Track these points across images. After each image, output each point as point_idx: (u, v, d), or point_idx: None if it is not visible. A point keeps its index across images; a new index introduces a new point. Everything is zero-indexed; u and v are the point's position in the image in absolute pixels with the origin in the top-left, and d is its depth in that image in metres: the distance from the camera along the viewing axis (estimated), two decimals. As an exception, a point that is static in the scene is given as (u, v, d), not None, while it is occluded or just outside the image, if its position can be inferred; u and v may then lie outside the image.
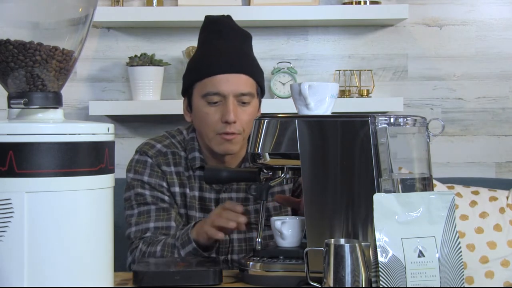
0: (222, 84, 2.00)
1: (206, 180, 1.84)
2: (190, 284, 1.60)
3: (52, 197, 1.25)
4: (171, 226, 1.99)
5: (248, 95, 2.02)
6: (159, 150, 2.07)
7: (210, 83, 2.01)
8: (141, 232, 1.99)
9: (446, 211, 1.50)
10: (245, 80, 2.02)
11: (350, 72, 2.91)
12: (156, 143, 2.09)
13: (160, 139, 2.11)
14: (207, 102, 2.02)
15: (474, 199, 1.88)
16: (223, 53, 2.02)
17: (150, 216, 2.00)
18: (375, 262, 1.46)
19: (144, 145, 2.09)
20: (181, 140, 2.11)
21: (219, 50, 2.03)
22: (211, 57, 2.03)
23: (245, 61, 2.06)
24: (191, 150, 2.08)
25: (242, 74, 2.02)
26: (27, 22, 1.36)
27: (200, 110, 2.03)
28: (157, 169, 2.05)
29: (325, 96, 1.64)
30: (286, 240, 1.68)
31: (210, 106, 2.01)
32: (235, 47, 2.05)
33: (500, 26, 3.00)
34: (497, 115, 3.00)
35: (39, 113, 1.33)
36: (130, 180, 2.06)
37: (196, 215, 2.05)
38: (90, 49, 2.91)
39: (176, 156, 2.07)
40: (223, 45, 2.03)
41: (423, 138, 1.62)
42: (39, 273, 1.24)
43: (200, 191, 2.07)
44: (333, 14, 2.80)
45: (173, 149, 2.08)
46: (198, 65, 2.06)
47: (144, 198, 2.02)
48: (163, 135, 2.14)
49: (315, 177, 1.57)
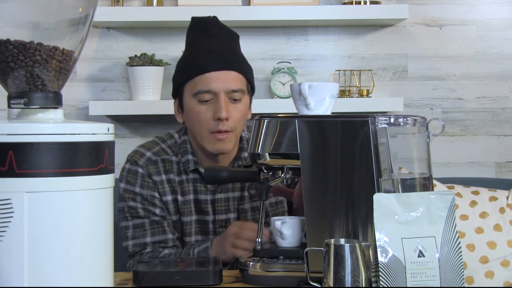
0: (213, 82, 2.00)
1: (206, 180, 1.84)
2: (190, 284, 1.60)
3: (52, 197, 1.25)
4: (168, 239, 2.01)
5: (239, 91, 2.02)
6: (149, 159, 2.06)
7: (201, 81, 2.01)
8: (139, 247, 2.01)
9: (446, 211, 1.50)
10: (236, 77, 2.03)
11: (350, 72, 2.91)
12: (146, 150, 2.08)
13: (150, 145, 2.10)
14: (198, 101, 2.02)
15: (474, 199, 1.88)
16: (212, 51, 2.03)
17: (146, 230, 2.01)
18: (375, 262, 1.46)
19: (134, 154, 2.08)
20: (172, 145, 2.11)
21: (208, 48, 2.03)
22: (201, 56, 2.03)
23: (235, 58, 2.06)
24: (184, 153, 2.08)
25: (232, 71, 2.03)
26: (27, 22, 1.36)
27: (191, 109, 2.03)
28: (147, 179, 2.04)
29: (325, 96, 1.64)
30: (286, 240, 1.68)
31: (201, 105, 2.02)
32: (223, 44, 2.05)
33: (500, 26, 3.00)
34: (497, 115, 3.00)
35: (39, 113, 1.33)
36: (122, 191, 2.05)
37: (192, 219, 2.05)
38: (90, 49, 2.91)
39: (166, 164, 2.07)
40: (211, 43, 2.04)
41: (423, 138, 1.62)
42: (39, 273, 1.24)
43: (194, 194, 2.06)
44: (333, 14, 2.80)
45: (163, 156, 2.07)
46: (187, 64, 2.06)
47: (136, 211, 2.03)
48: (152, 140, 2.13)
49: (315, 177, 1.57)
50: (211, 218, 2.06)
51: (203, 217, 2.06)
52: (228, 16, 2.71)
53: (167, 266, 1.68)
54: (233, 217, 2.07)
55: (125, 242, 2.03)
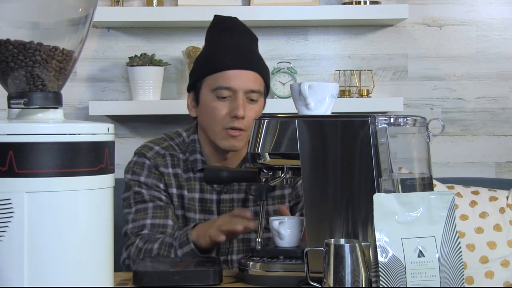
0: (233, 79, 2.01)
1: (206, 180, 1.84)
2: (190, 284, 1.60)
3: (52, 197, 1.25)
4: (168, 224, 2.00)
5: (257, 92, 2.04)
6: (157, 152, 2.08)
7: (222, 77, 2.02)
8: (137, 229, 1.99)
9: (446, 211, 1.50)
10: (255, 78, 2.04)
11: (350, 72, 2.91)
12: (154, 145, 2.10)
13: (158, 141, 2.12)
14: (216, 97, 2.03)
15: (474, 199, 1.88)
16: (234, 49, 2.04)
17: (147, 213, 2.01)
18: (375, 262, 1.46)
19: (143, 147, 2.10)
20: (179, 143, 2.11)
21: (230, 46, 2.05)
22: (222, 52, 2.04)
23: (255, 59, 2.08)
24: (192, 152, 2.08)
25: (252, 71, 2.04)
26: (27, 22, 1.36)
27: (208, 104, 2.04)
28: (154, 171, 2.05)
29: (325, 96, 1.64)
30: (284, 240, 1.68)
31: (219, 101, 2.02)
32: (244, 44, 2.07)
33: (500, 26, 3.00)
34: (497, 115, 3.00)
35: (39, 113, 1.33)
36: (128, 180, 2.07)
37: (196, 217, 2.05)
38: (90, 49, 2.91)
39: (174, 158, 2.08)
40: (233, 42, 2.05)
41: (423, 138, 1.62)
42: (39, 273, 1.24)
43: (200, 192, 2.07)
44: (333, 14, 2.80)
45: (171, 151, 2.09)
46: (209, 60, 2.06)
47: (141, 196, 2.03)
48: (161, 137, 2.14)
49: (315, 177, 1.57)
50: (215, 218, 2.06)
51: (207, 216, 2.06)
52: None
53: (167, 266, 1.68)
54: None
55: (125, 226, 2.02)
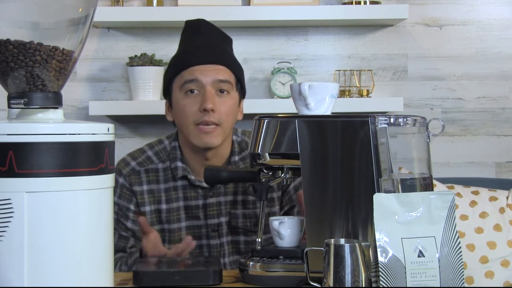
0: (199, 73, 2.01)
1: (206, 180, 1.83)
2: (190, 284, 1.60)
3: (52, 197, 1.25)
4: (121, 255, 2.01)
5: (227, 82, 2.02)
6: (133, 169, 2.07)
7: (188, 72, 2.02)
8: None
9: (446, 211, 1.50)
10: (224, 70, 2.03)
11: (350, 72, 2.91)
12: (132, 160, 2.10)
13: (136, 154, 2.11)
14: (184, 93, 2.02)
15: (474, 199, 1.88)
16: (202, 47, 2.04)
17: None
18: (375, 262, 1.46)
19: (120, 162, 2.10)
20: (159, 150, 2.11)
21: (198, 46, 2.05)
22: (190, 52, 2.05)
23: (224, 55, 2.07)
24: (173, 160, 2.07)
25: (220, 65, 2.03)
26: (27, 22, 1.36)
27: (178, 103, 2.04)
28: (125, 191, 2.06)
29: (325, 96, 1.64)
30: (284, 240, 1.68)
31: (188, 98, 2.02)
32: (213, 42, 2.07)
33: (500, 26, 3.00)
34: (497, 115, 3.00)
35: (39, 113, 1.33)
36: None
37: (182, 225, 2.05)
38: (90, 49, 2.91)
39: (149, 174, 2.07)
40: (201, 41, 2.05)
41: (423, 138, 1.62)
42: (39, 273, 1.24)
43: (185, 200, 2.06)
44: (333, 14, 2.80)
45: (147, 165, 2.08)
46: (176, 61, 2.07)
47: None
48: (140, 148, 2.14)
49: (315, 177, 1.57)
50: (203, 223, 2.05)
51: (194, 222, 2.05)
52: (228, 16, 2.72)
53: (167, 266, 1.68)
54: (225, 220, 2.06)
55: None
